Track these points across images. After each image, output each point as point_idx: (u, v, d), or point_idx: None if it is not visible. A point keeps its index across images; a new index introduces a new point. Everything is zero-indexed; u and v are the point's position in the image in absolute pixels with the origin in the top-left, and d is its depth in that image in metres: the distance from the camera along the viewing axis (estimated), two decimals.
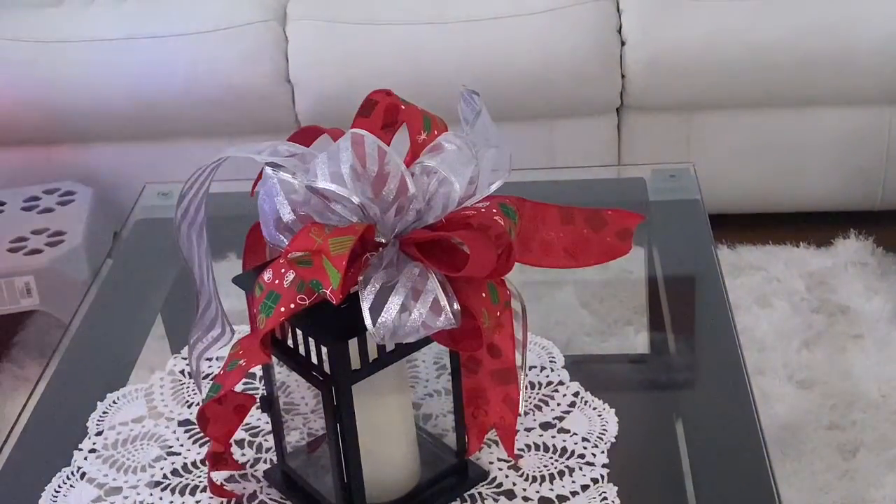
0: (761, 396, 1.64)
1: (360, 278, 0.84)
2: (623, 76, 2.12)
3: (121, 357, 1.29)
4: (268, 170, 0.89)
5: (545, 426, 1.10)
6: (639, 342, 1.34)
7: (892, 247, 2.10)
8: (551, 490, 1.02)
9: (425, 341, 0.90)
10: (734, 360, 1.18)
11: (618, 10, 2.11)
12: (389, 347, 0.90)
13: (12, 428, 1.17)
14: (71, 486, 1.07)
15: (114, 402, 1.20)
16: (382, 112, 0.97)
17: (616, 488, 1.01)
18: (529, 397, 1.14)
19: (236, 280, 0.96)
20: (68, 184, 2.14)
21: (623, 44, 2.10)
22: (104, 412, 1.18)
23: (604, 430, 1.09)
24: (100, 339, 1.35)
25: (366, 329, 0.82)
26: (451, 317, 0.84)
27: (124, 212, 1.63)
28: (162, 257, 1.47)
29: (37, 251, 1.95)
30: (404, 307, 0.83)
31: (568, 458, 1.06)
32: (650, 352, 1.33)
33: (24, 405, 1.20)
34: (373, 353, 0.90)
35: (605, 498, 1.00)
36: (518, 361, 1.02)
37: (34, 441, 1.16)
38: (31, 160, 2.23)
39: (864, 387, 1.80)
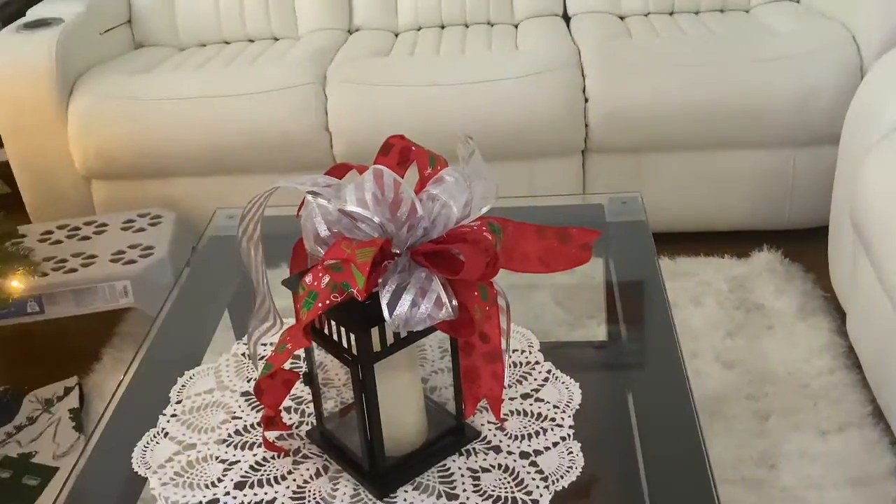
0: (694, 374, 1.63)
1: (380, 281, 0.84)
2: (587, 126, 2.11)
3: (196, 343, 1.30)
4: (309, 197, 0.90)
5: (524, 396, 1.11)
6: (599, 332, 1.33)
7: (795, 257, 2.09)
8: (529, 446, 1.02)
9: (431, 329, 0.91)
10: (672, 345, 1.19)
11: (582, 74, 2.09)
12: (403, 334, 0.91)
13: (111, 398, 1.18)
14: (157, 443, 1.09)
15: (190, 378, 1.21)
16: (398, 152, 0.98)
17: (579, 444, 1.01)
18: (512, 374, 1.15)
19: (285, 282, 0.96)
20: (156, 209, 2.14)
21: (587, 101, 2.09)
22: (183, 385, 1.19)
23: (570, 399, 1.10)
24: (180, 329, 1.35)
25: (384, 320, 0.83)
26: (450, 310, 0.85)
27: (200, 231, 1.64)
28: (228, 266, 1.48)
29: (132, 261, 1.94)
30: (414, 303, 0.83)
31: (542, 421, 1.06)
32: (608, 339, 1.32)
33: (121, 381, 1.21)
34: (390, 339, 0.91)
35: (570, 452, 1.01)
36: (503, 346, 1.01)
37: (129, 408, 1.17)
38: (128, 191, 2.22)
39: (774, 366, 1.79)
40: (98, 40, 2.33)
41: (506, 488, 0.97)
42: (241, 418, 1.11)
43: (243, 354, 1.25)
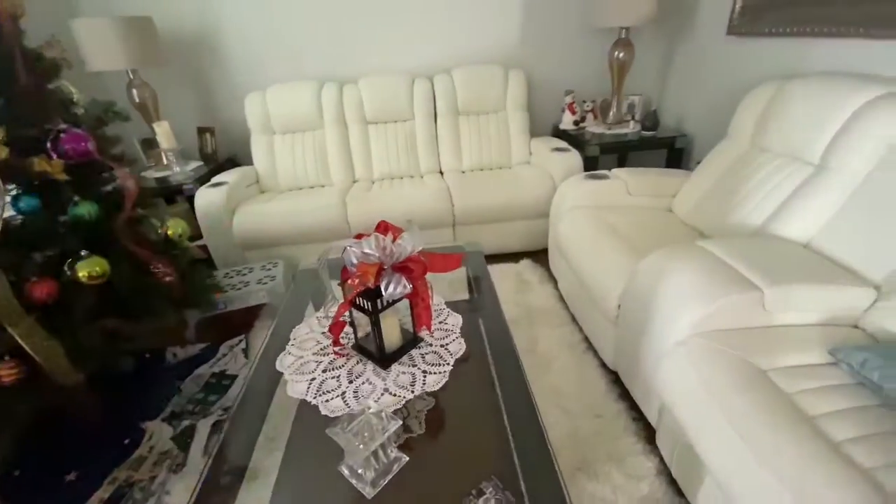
0: (504, 305, 1.58)
1: (381, 279, 0.85)
2: (454, 214, 2.08)
3: (298, 315, 1.23)
4: (348, 248, 0.90)
5: (438, 322, 1.11)
6: (465, 296, 1.30)
7: (537, 260, 2.10)
8: (442, 342, 1.03)
9: (401, 298, 0.90)
10: (495, 299, 1.21)
11: (450, 194, 2.09)
12: (389, 300, 0.90)
13: (264, 340, 1.12)
14: (287, 354, 1.05)
15: (297, 328, 1.16)
16: (384, 227, 0.97)
17: (463, 339, 1.03)
18: (434, 314, 1.15)
19: (339, 284, 0.95)
20: (274, 260, 2.04)
21: (453, 205, 2.08)
22: (294, 332, 1.14)
23: (458, 323, 1.11)
24: (291, 313, 1.27)
25: (382, 294, 0.83)
26: (407, 289, 0.86)
27: (294, 268, 1.56)
28: (313, 284, 1.41)
29: (264, 282, 1.86)
30: (395, 286, 0.85)
31: (447, 332, 1.07)
32: (469, 299, 1.29)
33: (266, 336, 1.15)
34: (385, 302, 0.90)
35: (460, 343, 1.01)
36: (431, 302, 1.03)
37: (272, 346, 1.12)
38: (261, 252, 2.08)
39: (532, 301, 1.78)
40: (244, 190, 2.20)
41: (435, 360, 0.99)
42: (321, 343, 1.09)
43: (323, 318, 1.21)
